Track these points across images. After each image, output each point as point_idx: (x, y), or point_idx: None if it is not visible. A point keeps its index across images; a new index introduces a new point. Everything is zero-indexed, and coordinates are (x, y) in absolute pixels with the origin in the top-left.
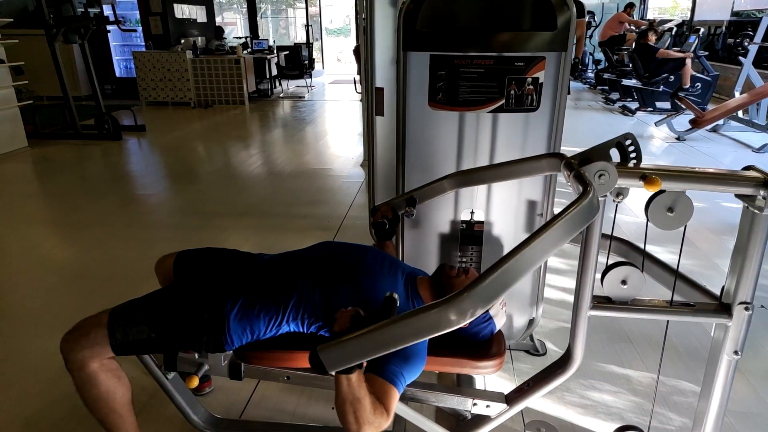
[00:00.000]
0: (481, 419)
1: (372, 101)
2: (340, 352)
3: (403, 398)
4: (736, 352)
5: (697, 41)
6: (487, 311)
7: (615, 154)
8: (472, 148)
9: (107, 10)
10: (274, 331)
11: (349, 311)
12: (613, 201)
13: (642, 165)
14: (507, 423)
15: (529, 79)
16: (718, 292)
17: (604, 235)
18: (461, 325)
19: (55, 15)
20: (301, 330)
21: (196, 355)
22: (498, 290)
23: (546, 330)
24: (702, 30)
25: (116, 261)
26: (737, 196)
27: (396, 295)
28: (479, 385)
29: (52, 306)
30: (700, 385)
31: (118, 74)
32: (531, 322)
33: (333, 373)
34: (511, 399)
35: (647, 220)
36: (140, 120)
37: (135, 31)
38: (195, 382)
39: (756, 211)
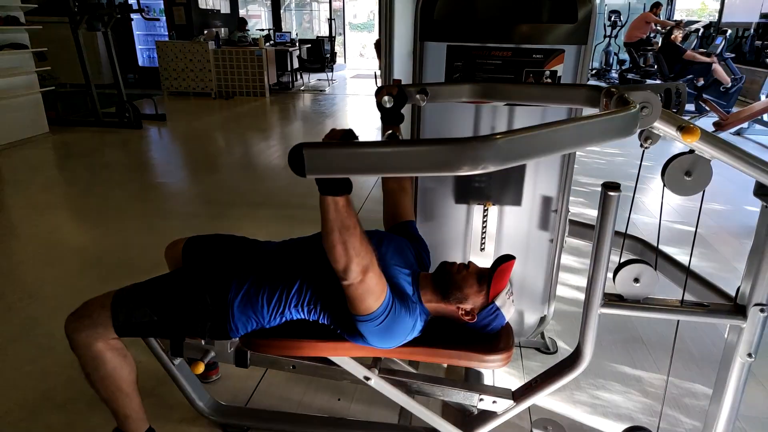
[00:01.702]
0: (488, 415)
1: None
2: (327, 158)
3: (409, 391)
4: (749, 355)
5: (723, 43)
6: (494, 303)
7: None
8: (489, 118)
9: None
10: (278, 319)
11: (343, 129)
12: (641, 145)
13: None
14: (514, 420)
15: (548, 72)
16: (733, 294)
17: (617, 233)
18: (468, 173)
19: (80, 2)
20: (305, 317)
21: (203, 342)
22: (518, 152)
23: (558, 329)
24: (729, 32)
25: (132, 247)
26: (756, 194)
27: (400, 135)
28: (488, 381)
29: (68, 289)
30: (712, 388)
31: (141, 63)
32: (542, 319)
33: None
34: (518, 395)
35: (663, 186)
36: (161, 109)
37: (158, 20)
38: (200, 367)
39: None
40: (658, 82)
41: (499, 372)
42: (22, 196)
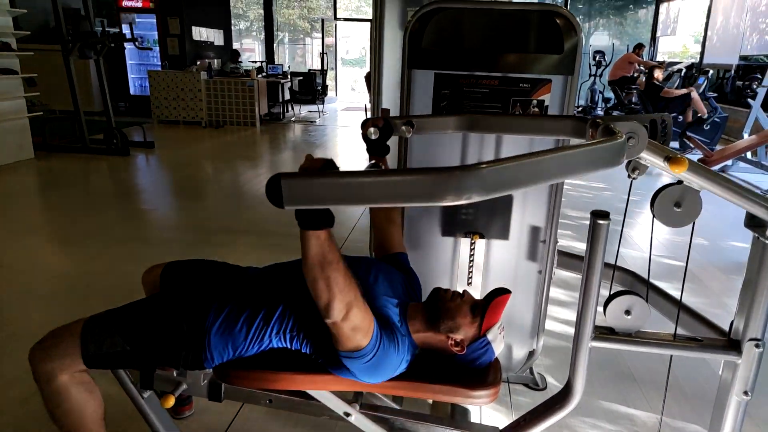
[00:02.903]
0: None
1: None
2: (306, 188)
3: (392, 429)
4: (746, 393)
5: (706, 82)
6: (485, 336)
7: None
8: (476, 147)
9: (126, 29)
10: (257, 347)
11: (323, 159)
12: (629, 176)
13: None
14: None
15: (535, 102)
16: (727, 329)
17: (607, 265)
18: (452, 204)
19: (73, 30)
20: (286, 345)
21: (175, 373)
22: (502, 182)
23: (547, 363)
24: (711, 72)
25: (113, 274)
26: (747, 225)
27: (383, 165)
28: (474, 418)
29: (46, 316)
30: (707, 428)
31: (132, 92)
32: (531, 354)
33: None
34: None
35: (653, 218)
36: (150, 137)
37: (151, 49)
38: (171, 401)
39: (767, 241)
40: None
41: (487, 409)
42: (1, 221)
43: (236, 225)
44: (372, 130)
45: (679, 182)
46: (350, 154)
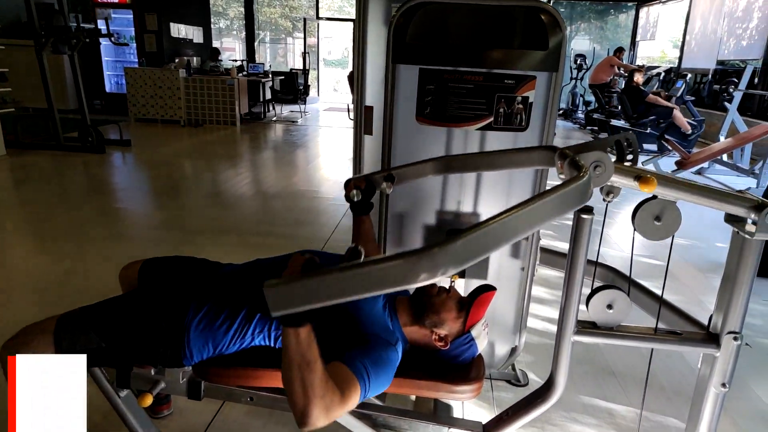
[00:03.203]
0: None
1: (361, 120)
2: (287, 293)
3: (375, 425)
4: (723, 385)
5: (684, 86)
6: (469, 333)
7: None
8: (457, 178)
9: (101, 25)
10: (238, 344)
11: (304, 257)
12: (603, 200)
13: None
14: None
15: (519, 98)
16: (706, 323)
17: (589, 261)
18: (428, 283)
19: (46, 25)
20: (270, 344)
21: (152, 371)
22: (475, 251)
23: (529, 360)
24: (689, 75)
25: (87, 273)
26: (727, 220)
27: (361, 249)
28: (457, 414)
29: (17, 315)
30: (684, 422)
31: (108, 89)
32: (513, 350)
33: (282, 326)
34: (489, 428)
35: (634, 230)
36: (126, 135)
37: (127, 45)
38: (148, 400)
39: (746, 236)
40: (621, 122)
41: (469, 405)
42: None
43: (216, 224)
44: (354, 192)
45: (654, 197)
46: (332, 154)
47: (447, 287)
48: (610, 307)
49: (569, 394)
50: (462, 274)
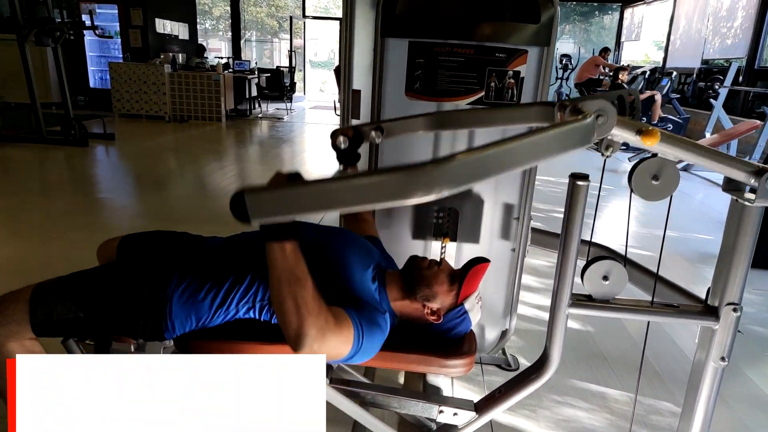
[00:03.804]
0: (448, 429)
1: (348, 104)
2: (271, 200)
3: (363, 403)
4: (723, 359)
5: (669, 83)
6: (463, 305)
7: None
8: (449, 141)
9: (85, 19)
10: (222, 316)
11: (288, 173)
12: (602, 154)
13: None
14: None
15: (510, 72)
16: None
17: (583, 241)
18: (423, 200)
19: (29, 16)
20: (255, 316)
21: (132, 346)
22: (471, 174)
23: (519, 345)
24: (674, 73)
25: (66, 261)
26: (725, 189)
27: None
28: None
29: None
30: (679, 406)
31: (92, 85)
32: (504, 333)
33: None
34: (480, 407)
35: (630, 193)
36: (110, 129)
37: (112, 37)
38: None
39: (745, 203)
40: None
41: (459, 388)
42: None
43: (198, 215)
44: (341, 139)
45: (654, 155)
46: (318, 149)
47: (438, 260)
48: (605, 278)
49: (561, 378)
50: (453, 237)
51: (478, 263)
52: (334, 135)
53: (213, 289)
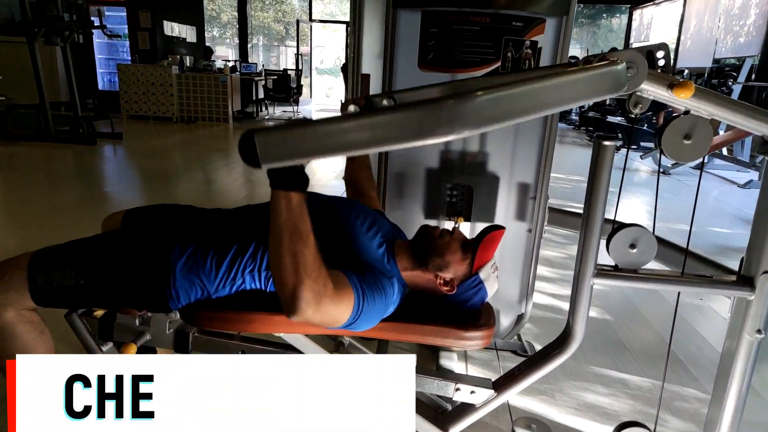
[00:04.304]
0: (464, 409)
1: (358, 88)
2: (283, 142)
3: None
4: (759, 331)
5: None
6: (478, 274)
7: None
8: None
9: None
10: (228, 287)
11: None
12: (630, 112)
13: None
14: (492, 422)
15: (528, 42)
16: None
17: (606, 220)
18: (443, 139)
19: (38, 15)
20: (261, 287)
21: (137, 321)
22: (494, 114)
23: (535, 332)
24: (686, 71)
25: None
26: (759, 151)
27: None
28: None
29: None
30: (704, 392)
31: (101, 87)
32: (520, 318)
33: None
34: (499, 385)
35: (660, 154)
36: (118, 130)
37: (120, 37)
38: (132, 350)
39: None
40: (618, 119)
41: (473, 372)
42: None
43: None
44: (352, 108)
45: (686, 112)
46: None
47: (450, 229)
48: (633, 246)
49: (579, 365)
50: (467, 217)
51: (492, 230)
52: (345, 104)
53: (216, 257)
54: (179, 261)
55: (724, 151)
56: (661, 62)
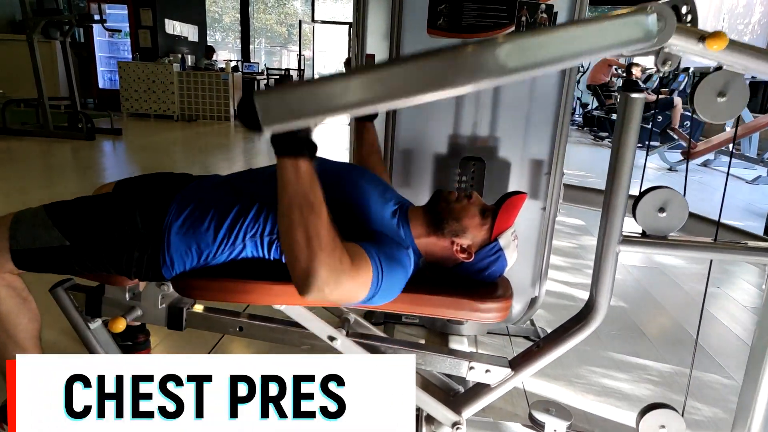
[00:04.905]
0: (478, 390)
1: None
2: (285, 102)
3: None
4: None
5: (686, 79)
6: (497, 241)
7: None
8: None
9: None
10: (227, 252)
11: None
12: (658, 70)
13: None
14: (507, 407)
15: (543, 6)
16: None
17: (631, 195)
18: (463, 90)
19: (37, 7)
20: (263, 254)
21: (127, 296)
22: (519, 62)
23: (549, 318)
24: (691, 68)
25: None
26: None
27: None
28: None
29: None
30: (728, 378)
31: (101, 85)
32: (533, 302)
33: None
34: (516, 363)
35: (692, 113)
36: (118, 126)
37: (120, 31)
38: (121, 324)
39: None
40: None
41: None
42: None
43: None
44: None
45: (719, 68)
46: (327, 145)
47: (468, 193)
48: (662, 210)
49: (596, 351)
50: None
51: (513, 195)
52: (348, 63)
53: (215, 219)
54: (175, 222)
55: (730, 147)
56: (688, 17)
